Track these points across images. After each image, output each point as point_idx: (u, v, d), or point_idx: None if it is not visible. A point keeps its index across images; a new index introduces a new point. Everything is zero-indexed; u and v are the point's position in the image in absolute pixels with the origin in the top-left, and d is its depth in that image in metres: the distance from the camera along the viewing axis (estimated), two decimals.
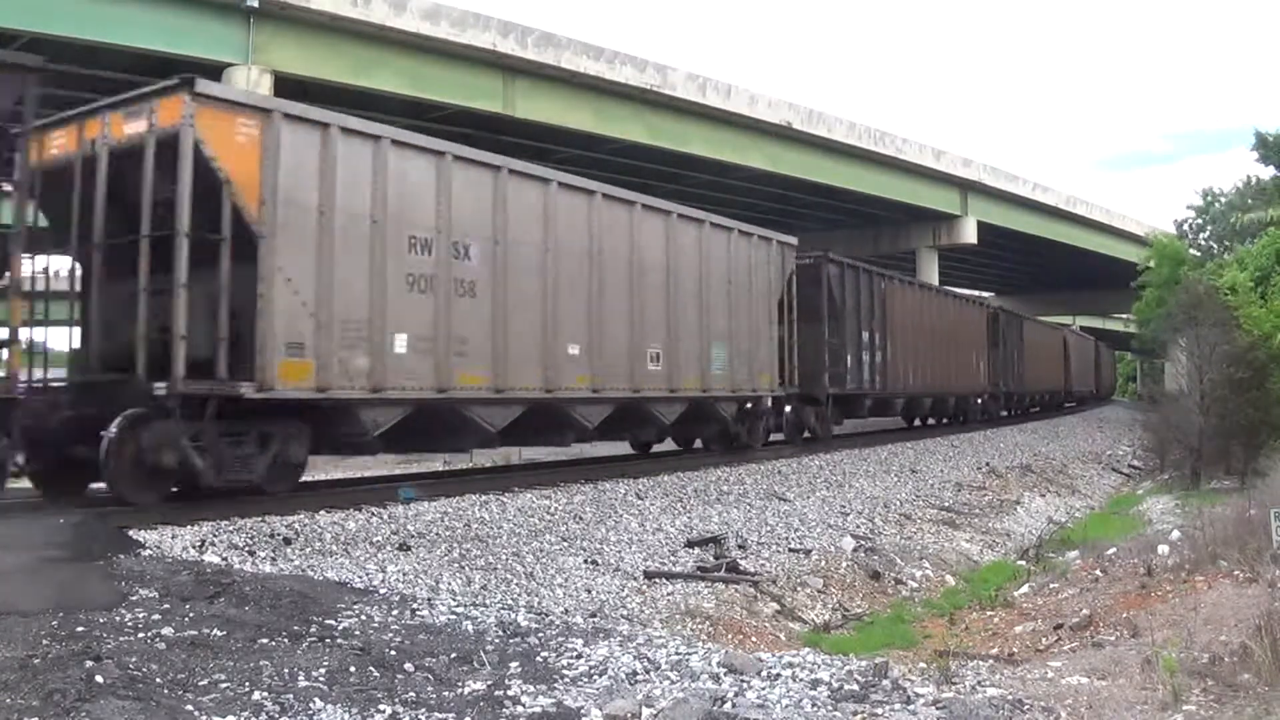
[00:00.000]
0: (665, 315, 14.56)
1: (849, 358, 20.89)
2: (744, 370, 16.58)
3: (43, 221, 9.93)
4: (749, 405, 17.18)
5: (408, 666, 5.25)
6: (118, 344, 9.46)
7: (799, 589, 10.11)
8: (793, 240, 18.85)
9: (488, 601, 7.51)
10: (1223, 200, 36.05)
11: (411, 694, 4.84)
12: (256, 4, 19.46)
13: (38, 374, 9.84)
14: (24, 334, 9.32)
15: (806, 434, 20.08)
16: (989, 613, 10.22)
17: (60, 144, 9.97)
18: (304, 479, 10.90)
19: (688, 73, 27.57)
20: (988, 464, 21.30)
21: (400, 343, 10.45)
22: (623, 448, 17.76)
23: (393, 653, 5.47)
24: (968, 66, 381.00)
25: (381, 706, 4.62)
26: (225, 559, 7.91)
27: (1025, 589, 11.18)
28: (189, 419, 8.93)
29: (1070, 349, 45.11)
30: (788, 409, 18.72)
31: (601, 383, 13.18)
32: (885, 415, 24.88)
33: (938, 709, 4.89)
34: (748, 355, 16.74)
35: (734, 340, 16.32)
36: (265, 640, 5.53)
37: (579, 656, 5.63)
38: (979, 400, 30.70)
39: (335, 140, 9.98)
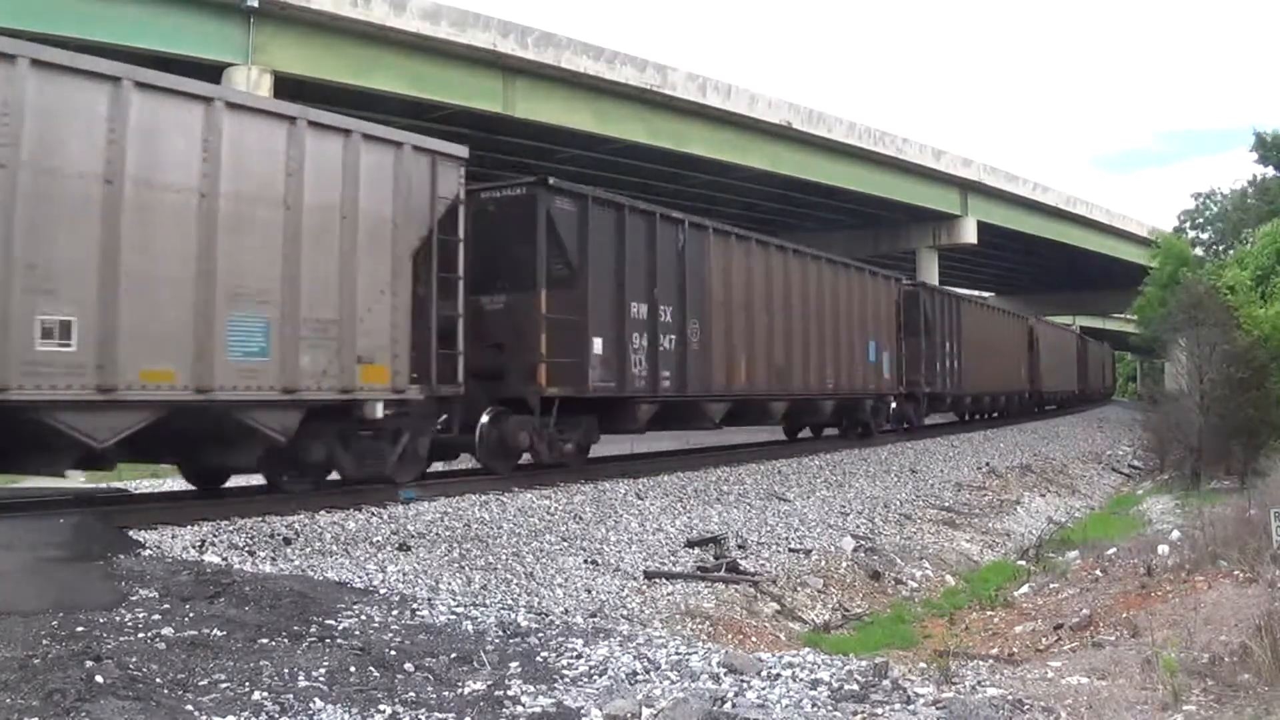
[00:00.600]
0: (95, 256, 8.25)
1: (597, 342, 13.64)
2: (319, 356, 9.97)
3: None
4: (381, 413, 10.58)
5: (408, 666, 5.25)
6: None
7: (799, 589, 10.11)
8: (453, 149, 11.53)
9: (488, 601, 7.51)
10: (1224, 198, 36.11)
11: (411, 694, 4.84)
12: (256, 4, 19.49)
13: None
14: None
15: (527, 456, 13.28)
16: (989, 613, 10.23)
17: None
18: None
19: (688, 73, 27.58)
20: (988, 464, 21.32)
21: None
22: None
23: (393, 653, 5.47)
24: (967, 66, 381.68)
25: (381, 706, 4.63)
26: (225, 559, 7.91)
27: (1025, 589, 11.18)
28: None
29: (1039, 342, 38.03)
30: (484, 419, 12.41)
31: None
32: (689, 426, 16.96)
33: (938, 709, 4.89)
34: (333, 332, 10.11)
35: (294, 305, 9.72)
36: (265, 640, 5.53)
37: (579, 656, 5.62)
38: (886, 404, 23.41)
39: None
